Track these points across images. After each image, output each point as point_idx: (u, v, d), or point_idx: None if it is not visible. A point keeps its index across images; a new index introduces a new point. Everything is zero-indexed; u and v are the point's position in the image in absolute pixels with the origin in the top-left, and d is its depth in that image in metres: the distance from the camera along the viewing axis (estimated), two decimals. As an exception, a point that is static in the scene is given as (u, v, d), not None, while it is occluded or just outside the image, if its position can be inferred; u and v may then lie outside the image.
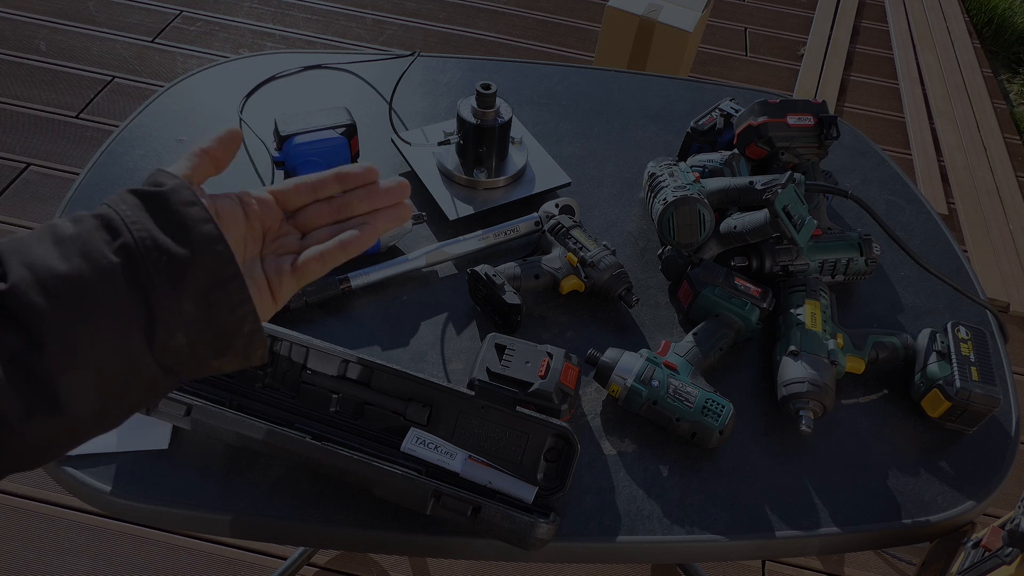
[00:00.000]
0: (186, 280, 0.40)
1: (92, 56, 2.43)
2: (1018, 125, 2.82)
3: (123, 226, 0.40)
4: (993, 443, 0.84)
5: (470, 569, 1.47)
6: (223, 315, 0.42)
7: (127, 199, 0.41)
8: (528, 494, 0.68)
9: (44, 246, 0.39)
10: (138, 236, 0.39)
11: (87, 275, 0.38)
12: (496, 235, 0.94)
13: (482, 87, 0.92)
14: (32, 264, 0.38)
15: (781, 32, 3.09)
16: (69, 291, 0.37)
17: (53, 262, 0.38)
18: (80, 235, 0.39)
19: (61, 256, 0.38)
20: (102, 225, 0.40)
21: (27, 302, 0.36)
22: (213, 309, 0.41)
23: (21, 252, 0.38)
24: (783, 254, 0.91)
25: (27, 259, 0.38)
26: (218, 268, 0.41)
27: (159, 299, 0.39)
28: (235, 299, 0.42)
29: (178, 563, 1.41)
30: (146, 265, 0.39)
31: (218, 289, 0.41)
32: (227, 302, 0.42)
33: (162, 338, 0.40)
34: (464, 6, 2.93)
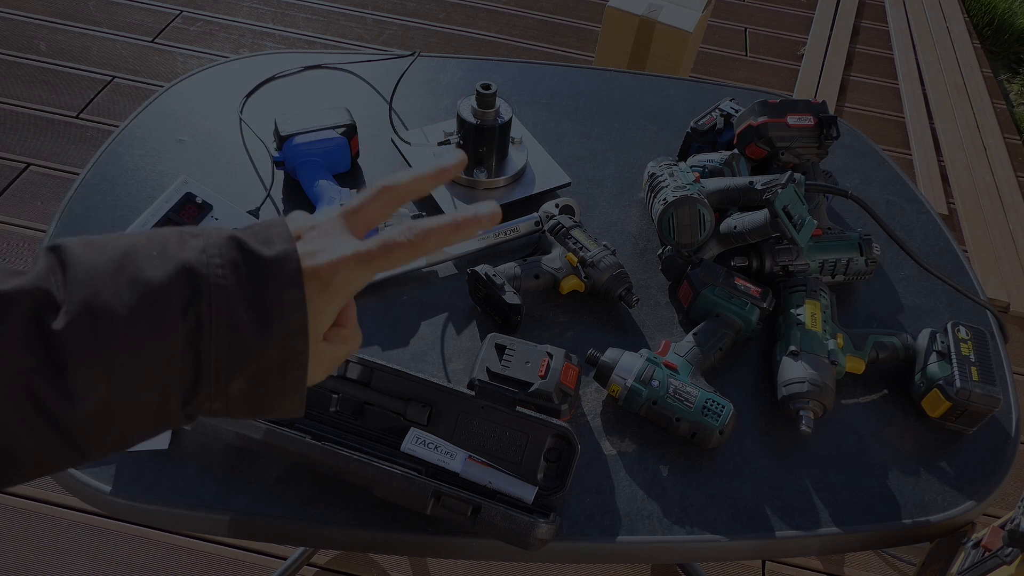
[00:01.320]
0: (247, 364, 0.37)
1: (92, 56, 2.43)
2: (1018, 125, 2.82)
3: (206, 290, 0.35)
4: (993, 443, 0.84)
5: (470, 569, 1.47)
6: (271, 398, 0.39)
7: (226, 250, 0.37)
8: (528, 494, 0.68)
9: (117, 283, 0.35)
10: (216, 306, 0.36)
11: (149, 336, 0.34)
12: (496, 235, 0.94)
13: (482, 87, 0.92)
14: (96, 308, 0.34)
15: (781, 32, 3.09)
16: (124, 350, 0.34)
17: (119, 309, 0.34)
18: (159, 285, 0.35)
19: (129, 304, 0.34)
20: (185, 279, 0.35)
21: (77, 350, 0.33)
22: (263, 390, 0.38)
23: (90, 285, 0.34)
24: (783, 254, 0.91)
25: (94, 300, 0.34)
26: (286, 360, 0.38)
27: (210, 376, 0.36)
28: (289, 388, 0.39)
29: (178, 563, 1.41)
30: (211, 341, 0.36)
31: (277, 377, 0.38)
32: (280, 389, 0.39)
33: (199, 404, 0.37)
34: (464, 6, 2.93)
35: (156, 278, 0.35)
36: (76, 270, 0.35)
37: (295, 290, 0.37)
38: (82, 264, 0.35)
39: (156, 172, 0.99)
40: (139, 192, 0.96)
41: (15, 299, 0.33)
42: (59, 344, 0.33)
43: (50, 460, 0.35)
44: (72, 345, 0.33)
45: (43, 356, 0.33)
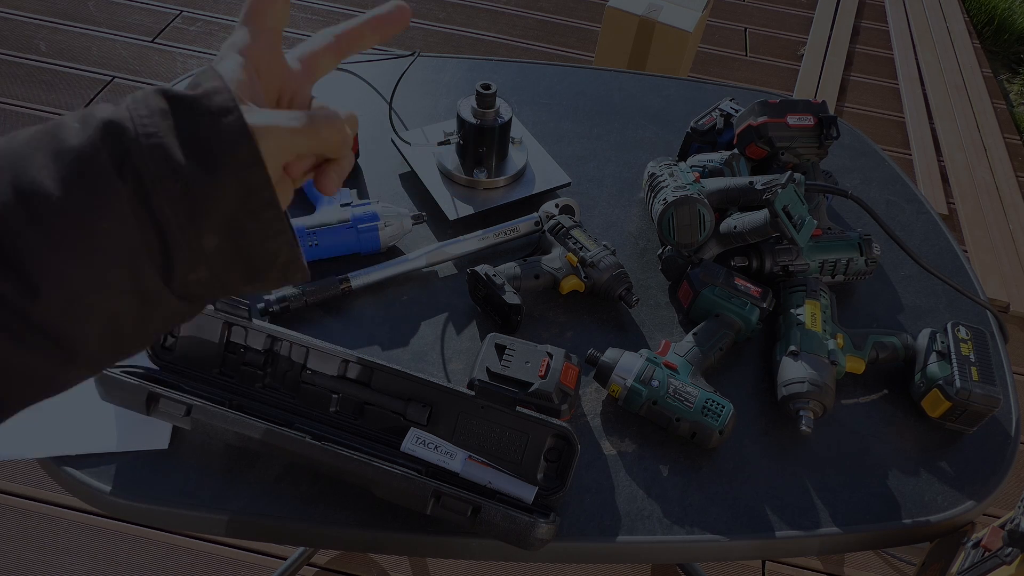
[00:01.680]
0: (209, 212, 0.34)
1: (92, 56, 2.43)
2: (1018, 125, 2.82)
3: (134, 140, 0.33)
4: (993, 443, 0.84)
5: (470, 569, 1.47)
6: (254, 247, 0.36)
7: (151, 101, 0.34)
8: (528, 494, 0.68)
9: (40, 159, 0.32)
10: (151, 156, 0.32)
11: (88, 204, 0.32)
12: (496, 235, 0.94)
13: (482, 87, 0.92)
14: (23, 186, 0.31)
15: (781, 32, 3.09)
16: (66, 224, 0.31)
17: (48, 183, 0.31)
18: (83, 149, 0.32)
19: (58, 176, 0.31)
20: (110, 135, 0.33)
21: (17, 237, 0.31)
22: (242, 241, 0.35)
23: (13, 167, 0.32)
24: (783, 254, 0.91)
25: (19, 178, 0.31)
26: (250, 196, 0.35)
27: (174, 234, 0.33)
28: (268, 230, 0.36)
29: (178, 563, 1.41)
30: (159, 193, 0.33)
31: (248, 219, 0.35)
32: (259, 233, 0.36)
33: (181, 273, 0.34)
34: (464, 6, 2.93)
35: (79, 143, 0.32)
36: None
37: (232, 117, 0.34)
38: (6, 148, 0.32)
39: (156, 172, 0.98)
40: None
41: None
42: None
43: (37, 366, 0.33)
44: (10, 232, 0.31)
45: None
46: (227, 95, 0.34)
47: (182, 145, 0.33)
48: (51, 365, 0.33)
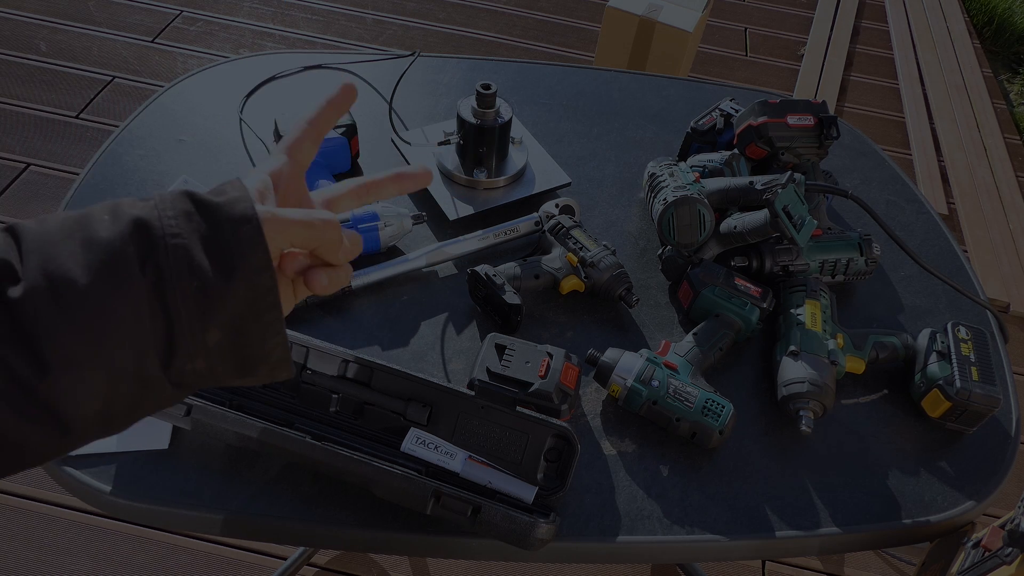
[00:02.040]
0: (217, 311, 0.36)
1: (92, 56, 2.43)
2: (1018, 125, 2.82)
3: (160, 240, 0.35)
4: (993, 443, 0.84)
5: (470, 569, 1.47)
6: (252, 345, 0.39)
7: (178, 203, 0.37)
8: (528, 494, 0.68)
9: (70, 247, 0.35)
10: (174, 256, 0.35)
11: (109, 294, 0.34)
12: (496, 235, 0.94)
13: (482, 87, 0.92)
14: (52, 272, 0.34)
15: (781, 32, 3.09)
16: (86, 310, 0.34)
17: (76, 272, 0.34)
18: (112, 242, 0.35)
19: (87, 264, 0.34)
20: (138, 232, 0.35)
21: (38, 319, 0.33)
22: (242, 339, 0.38)
23: (44, 251, 0.34)
24: (783, 254, 0.91)
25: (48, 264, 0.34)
26: (256, 300, 0.37)
27: (182, 327, 0.36)
28: (268, 331, 0.39)
29: (178, 563, 1.41)
30: (175, 291, 0.35)
31: (252, 320, 0.38)
32: (259, 333, 0.38)
33: (180, 363, 0.37)
34: (464, 6, 2.93)
35: (109, 237, 0.35)
36: (29, 240, 0.35)
37: (250, 226, 0.37)
38: (34, 234, 0.35)
39: (156, 172, 0.99)
40: (139, 192, 0.96)
41: None
42: (21, 312, 0.33)
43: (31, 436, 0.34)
44: (33, 312, 0.33)
45: (7, 325, 0.33)
46: (248, 204, 0.38)
47: (204, 247, 0.36)
48: (45, 439, 0.35)
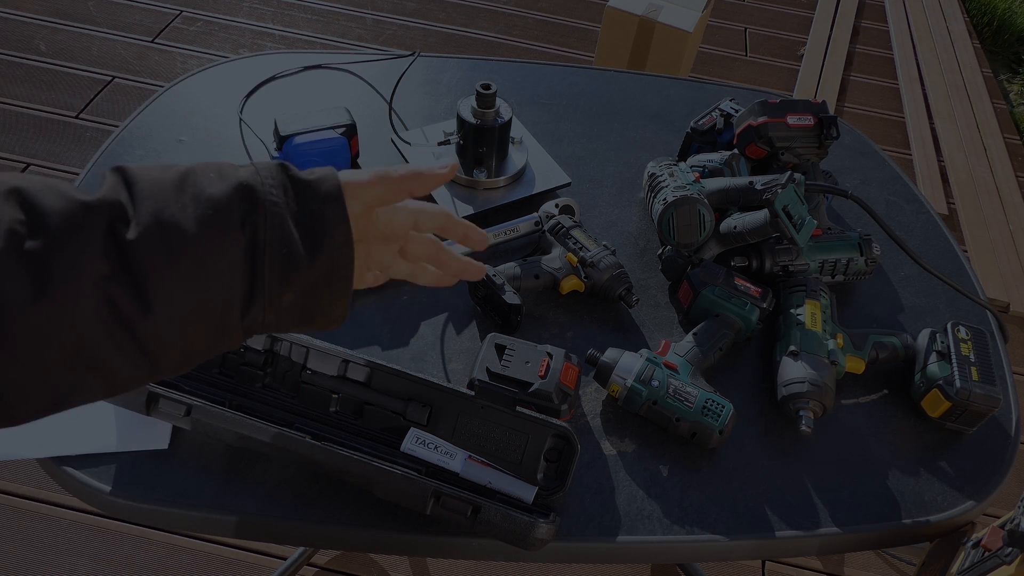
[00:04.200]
0: (298, 278, 0.40)
1: (92, 56, 2.43)
2: (1018, 125, 2.82)
3: (261, 204, 0.39)
4: (993, 443, 0.84)
5: (470, 569, 1.47)
6: (321, 306, 0.42)
7: (275, 174, 0.40)
8: (528, 494, 0.68)
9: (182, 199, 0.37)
10: (271, 221, 0.39)
11: (213, 245, 0.37)
12: (496, 235, 0.94)
13: (482, 87, 0.92)
14: (165, 219, 0.36)
15: (781, 32, 3.09)
16: (192, 259, 0.36)
17: (186, 222, 0.36)
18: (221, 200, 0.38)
19: (196, 218, 0.37)
20: (244, 194, 0.39)
21: (149, 261, 0.35)
22: (312, 300, 0.41)
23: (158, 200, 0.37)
24: (783, 254, 0.91)
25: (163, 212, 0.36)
26: (334, 272, 0.41)
27: (264, 287, 0.39)
28: (337, 296, 0.42)
29: (178, 563, 1.41)
30: (265, 254, 0.39)
31: (325, 287, 0.41)
32: (328, 299, 0.42)
33: (254, 315, 0.40)
34: (464, 6, 2.93)
35: (217, 194, 0.38)
36: (142, 186, 0.37)
37: (337, 205, 0.41)
38: (147, 182, 0.37)
39: (156, 172, 0.98)
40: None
41: (96, 208, 0.35)
42: (133, 254, 0.35)
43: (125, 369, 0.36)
44: (145, 255, 0.35)
45: (119, 264, 0.35)
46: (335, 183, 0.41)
47: (295, 220, 0.39)
48: (134, 373, 0.37)
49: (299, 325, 0.43)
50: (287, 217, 0.39)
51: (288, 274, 0.39)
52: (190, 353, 0.39)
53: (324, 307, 0.43)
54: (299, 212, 0.40)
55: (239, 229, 0.38)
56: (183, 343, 0.38)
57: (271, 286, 0.39)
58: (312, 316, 0.43)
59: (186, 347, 0.38)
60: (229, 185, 0.38)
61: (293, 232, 0.39)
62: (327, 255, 0.40)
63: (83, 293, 0.34)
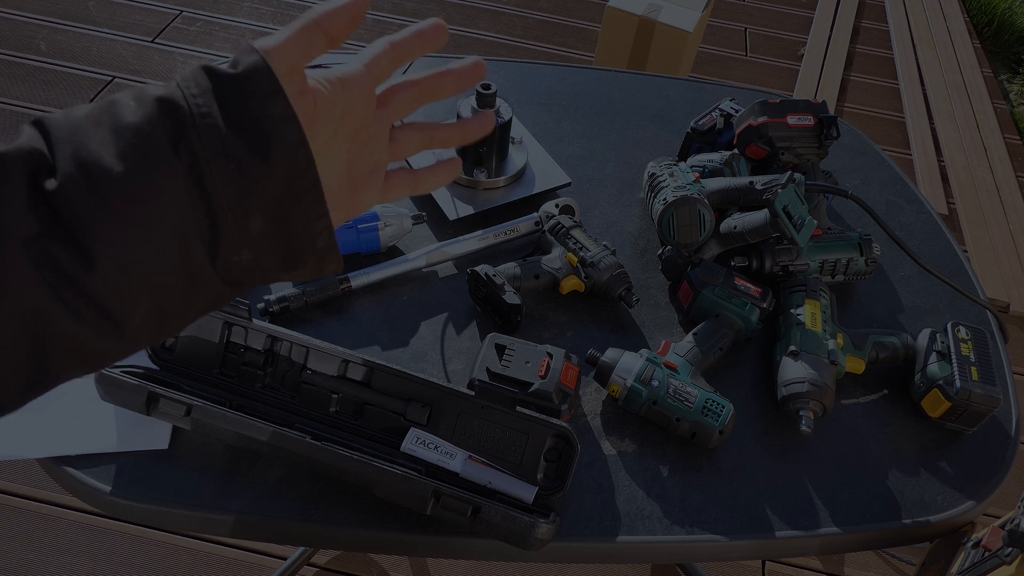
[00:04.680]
0: (257, 193, 0.35)
1: (92, 56, 2.43)
2: (1018, 125, 2.82)
3: (189, 120, 0.33)
4: (993, 443, 0.84)
5: (470, 569, 1.47)
6: (296, 230, 0.37)
7: (199, 80, 0.34)
8: (528, 494, 0.68)
9: (100, 134, 0.33)
10: (205, 136, 0.33)
11: (146, 179, 0.33)
12: (496, 235, 0.94)
13: (482, 87, 0.92)
14: (85, 160, 0.32)
15: (781, 32, 3.09)
16: (125, 198, 0.32)
17: (108, 159, 0.32)
18: (141, 126, 0.33)
19: (118, 152, 0.32)
20: (166, 114, 0.34)
21: (78, 208, 0.31)
22: (284, 224, 0.37)
23: (75, 140, 0.33)
24: (783, 254, 0.91)
25: (80, 152, 0.32)
26: (295, 178, 0.36)
27: (224, 214, 0.34)
28: (310, 213, 0.37)
29: (178, 563, 1.41)
30: (212, 174, 0.34)
31: (292, 202, 0.36)
32: (301, 216, 0.37)
33: (226, 254, 0.35)
34: (464, 6, 2.93)
35: (137, 121, 0.33)
36: (57, 130, 0.33)
37: (278, 100, 0.35)
38: (62, 124, 0.33)
39: (156, 172, 0.98)
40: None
41: (11, 160, 0.32)
42: (60, 204, 0.32)
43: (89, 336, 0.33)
44: (72, 203, 0.32)
45: (48, 218, 0.31)
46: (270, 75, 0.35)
47: (232, 125, 0.34)
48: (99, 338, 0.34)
49: (286, 265, 0.38)
50: (223, 126, 0.34)
51: (244, 191, 0.34)
52: (161, 312, 0.35)
53: (302, 230, 0.37)
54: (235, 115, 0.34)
55: (172, 153, 0.33)
56: (147, 298, 0.34)
57: (231, 210, 0.34)
58: (294, 248, 0.37)
59: (152, 304, 0.35)
60: (148, 107, 0.33)
61: (235, 140, 0.34)
62: (282, 159, 0.35)
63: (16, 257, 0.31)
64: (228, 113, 0.34)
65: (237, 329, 0.74)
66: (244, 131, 0.34)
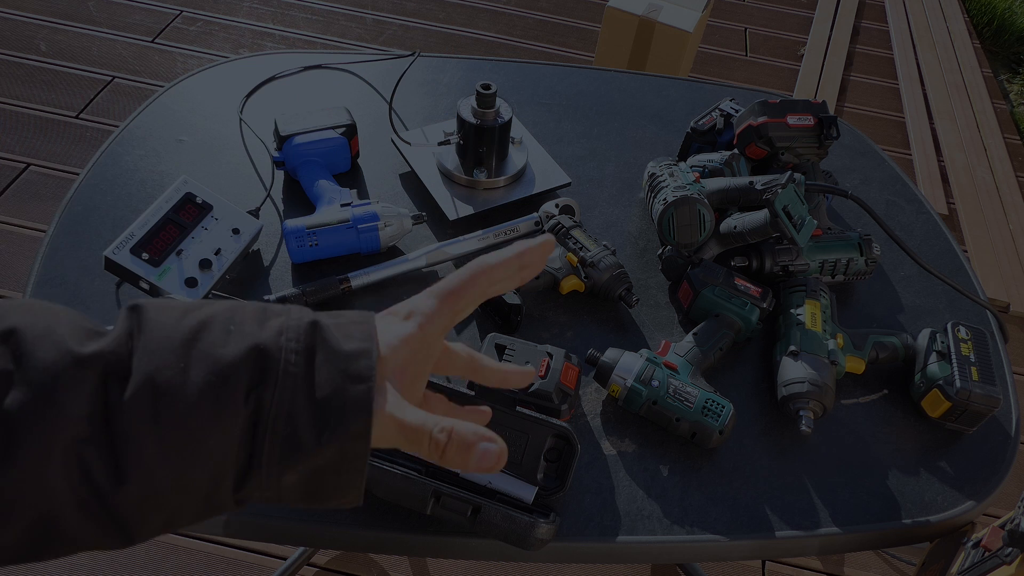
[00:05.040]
0: (301, 462, 0.34)
1: (92, 56, 2.43)
2: (1018, 125, 2.82)
3: (274, 374, 0.34)
4: (993, 443, 0.84)
5: (470, 569, 1.47)
6: (326, 491, 0.36)
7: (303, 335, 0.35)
8: (528, 494, 0.68)
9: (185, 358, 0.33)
10: (280, 395, 0.34)
11: (208, 418, 0.33)
12: (496, 235, 0.94)
13: (482, 87, 0.92)
14: (159, 385, 0.32)
15: (781, 32, 3.09)
16: (181, 429, 0.32)
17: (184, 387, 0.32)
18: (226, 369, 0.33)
19: (197, 383, 0.33)
20: (256, 363, 0.34)
21: (133, 427, 0.32)
22: (315, 485, 0.36)
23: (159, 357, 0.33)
24: (783, 254, 0.91)
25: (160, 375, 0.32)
26: (343, 462, 0.35)
27: (262, 467, 0.34)
28: (346, 484, 0.36)
29: (178, 563, 1.41)
30: (268, 430, 0.34)
31: (332, 474, 0.36)
32: (334, 484, 0.36)
33: (250, 491, 0.35)
34: (464, 6, 2.93)
35: (227, 355, 0.34)
36: (148, 338, 0.33)
37: (363, 387, 0.34)
38: (154, 332, 0.34)
39: (156, 172, 0.99)
40: (139, 192, 0.96)
41: (89, 363, 0.32)
42: (118, 416, 0.32)
43: (92, 538, 0.33)
44: (130, 420, 0.32)
45: (100, 427, 0.32)
46: (370, 362, 0.35)
47: (309, 397, 0.34)
48: (104, 541, 0.34)
49: (305, 503, 0.38)
50: (300, 392, 0.34)
51: (288, 456, 0.34)
52: (170, 524, 0.35)
53: (330, 493, 0.37)
54: (319, 387, 0.34)
55: (242, 401, 0.33)
56: (163, 515, 0.34)
57: (269, 466, 0.34)
58: (318, 499, 0.37)
59: (166, 519, 0.34)
60: (243, 346, 0.34)
61: (303, 411, 0.34)
62: (338, 444, 0.34)
63: (54, 456, 0.31)
64: (311, 380, 0.34)
65: (237, 329, 0.74)
66: (317, 406, 0.34)
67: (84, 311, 0.82)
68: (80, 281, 0.85)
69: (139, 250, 0.80)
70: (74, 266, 0.86)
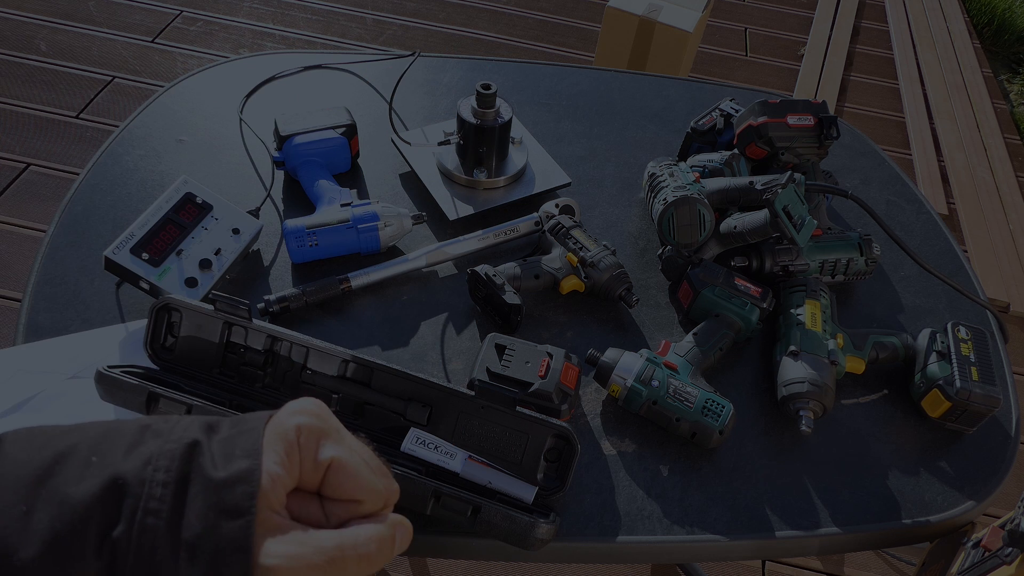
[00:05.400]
0: None
1: (92, 56, 2.43)
2: (1018, 125, 2.82)
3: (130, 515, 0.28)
4: (993, 443, 0.84)
5: (470, 569, 1.47)
6: None
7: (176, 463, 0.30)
8: (528, 494, 0.68)
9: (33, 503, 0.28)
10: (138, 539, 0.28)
11: None
12: (496, 235, 0.94)
13: (482, 87, 0.92)
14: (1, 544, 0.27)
15: (781, 32, 3.09)
16: None
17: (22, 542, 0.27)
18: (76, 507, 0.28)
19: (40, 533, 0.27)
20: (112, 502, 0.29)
21: None
22: None
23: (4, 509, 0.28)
24: (783, 254, 0.91)
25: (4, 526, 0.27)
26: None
27: None
28: None
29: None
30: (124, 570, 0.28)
31: None
32: None
33: None
34: (464, 6, 2.93)
35: (77, 495, 0.28)
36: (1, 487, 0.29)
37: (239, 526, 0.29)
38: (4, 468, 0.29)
39: (156, 172, 0.99)
40: (139, 192, 0.96)
41: None
42: None
43: None
44: None
45: None
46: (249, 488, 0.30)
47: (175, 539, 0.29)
48: None
49: None
50: (162, 535, 0.28)
51: None
52: None
53: None
54: (186, 526, 0.29)
55: (94, 552, 0.28)
56: None
57: None
58: None
59: None
60: (99, 481, 0.28)
61: (167, 559, 0.28)
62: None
63: None
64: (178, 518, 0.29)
65: (237, 329, 0.74)
66: (185, 550, 0.29)
67: (84, 311, 0.82)
68: (80, 281, 0.85)
69: (139, 250, 0.80)
70: (74, 266, 0.86)
